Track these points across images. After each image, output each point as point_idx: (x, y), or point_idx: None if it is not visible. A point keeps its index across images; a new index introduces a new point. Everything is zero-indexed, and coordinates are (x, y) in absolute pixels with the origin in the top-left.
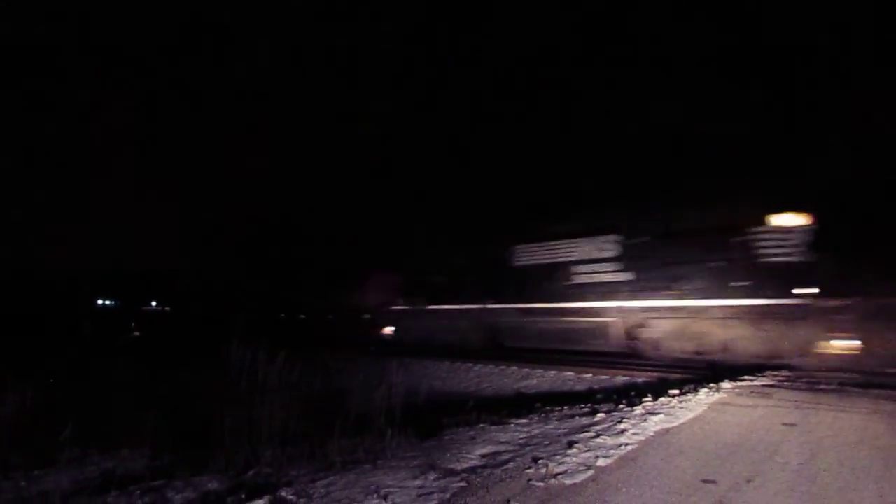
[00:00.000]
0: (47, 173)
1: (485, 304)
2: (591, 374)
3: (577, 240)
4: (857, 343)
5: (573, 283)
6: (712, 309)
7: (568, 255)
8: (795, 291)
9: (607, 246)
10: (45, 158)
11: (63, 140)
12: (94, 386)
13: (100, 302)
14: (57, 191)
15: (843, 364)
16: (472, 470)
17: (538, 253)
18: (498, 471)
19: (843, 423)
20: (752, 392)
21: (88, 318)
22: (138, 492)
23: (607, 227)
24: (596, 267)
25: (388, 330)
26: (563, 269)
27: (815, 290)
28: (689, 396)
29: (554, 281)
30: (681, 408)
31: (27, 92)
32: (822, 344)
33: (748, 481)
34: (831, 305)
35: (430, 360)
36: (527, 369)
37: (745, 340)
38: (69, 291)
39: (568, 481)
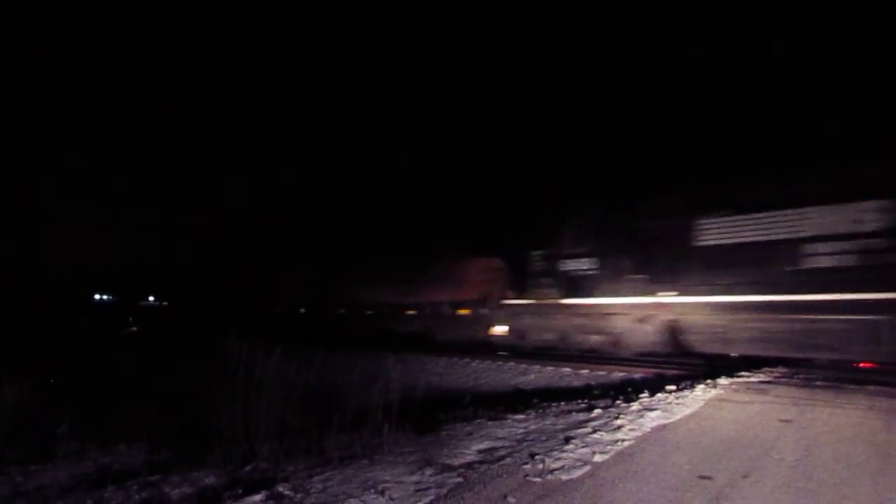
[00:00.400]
0: (46, 172)
1: (657, 296)
2: (588, 370)
3: (809, 208)
4: None
5: (805, 267)
6: None
7: (791, 229)
8: None
9: (869, 215)
10: (44, 158)
11: (62, 139)
12: (92, 381)
13: (97, 297)
14: (56, 188)
15: None
16: (469, 465)
17: (740, 228)
18: (495, 466)
19: (840, 419)
20: (748, 388)
21: (86, 313)
22: (135, 487)
23: (867, 188)
24: (849, 245)
25: (500, 330)
26: (784, 248)
27: None
28: (686, 393)
29: (770, 265)
30: (677, 404)
31: (26, 92)
32: None
33: (744, 477)
34: None
35: (428, 355)
36: (524, 365)
37: None
38: (67, 287)
39: (564, 477)
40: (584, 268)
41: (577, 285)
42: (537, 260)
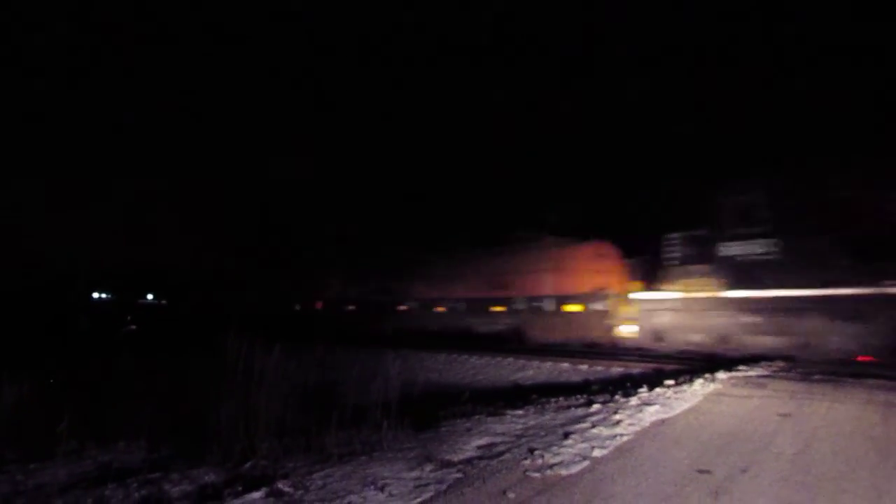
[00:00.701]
0: (45, 171)
1: (882, 286)
2: (586, 366)
3: None
4: None
5: None
6: None
7: None
8: None
9: None
10: (43, 156)
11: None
12: (91, 379)
13: (95, 295)
14: (55, 187)
15: None
16: (469, 461)
17: None
18: (494, 462)
19: (838, 413)
20: (747, 382)
21: (85, 312)
22: (135, 484)
23: None
24: None
25: (627, 331)
26: None
27: None
28: (685, 387)
29: None
30: (676, 398)
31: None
32: None
33: (743, 471)
34: None
35: (427, 352)
36: (523, 360)
37: None
38: (66, 285)
39: (564, 472)
40: (757, 252)
41: (746, 274)
42: (679, 244)
